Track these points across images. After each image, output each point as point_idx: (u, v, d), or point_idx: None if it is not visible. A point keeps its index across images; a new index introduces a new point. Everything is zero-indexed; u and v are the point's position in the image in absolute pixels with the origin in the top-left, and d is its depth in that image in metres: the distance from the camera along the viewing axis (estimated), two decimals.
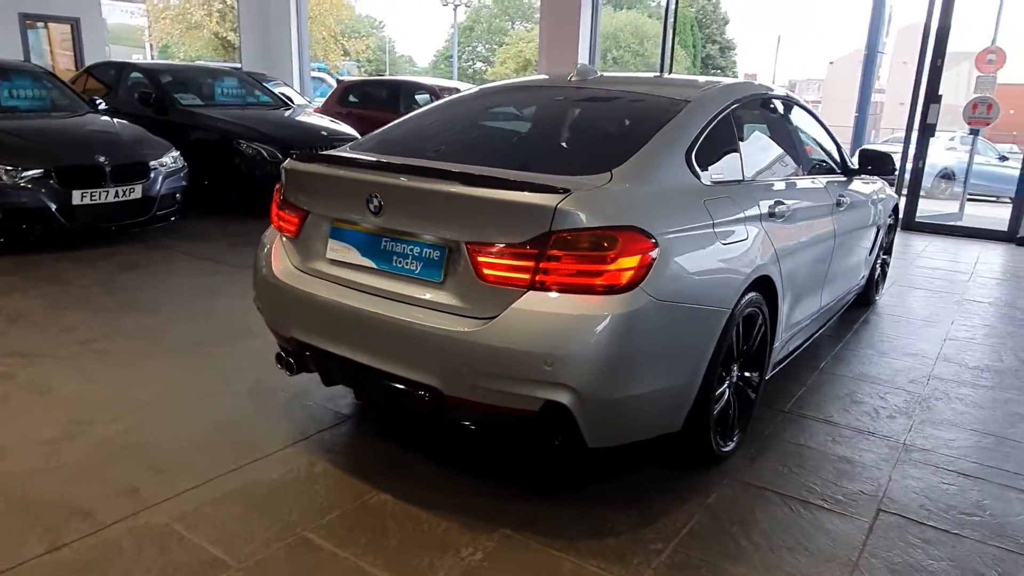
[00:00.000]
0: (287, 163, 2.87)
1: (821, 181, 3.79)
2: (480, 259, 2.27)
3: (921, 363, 4.20)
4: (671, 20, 10.50)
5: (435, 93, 9.51)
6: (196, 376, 3.55)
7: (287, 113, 8.41)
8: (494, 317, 2.25)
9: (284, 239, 2.86)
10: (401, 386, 2.44)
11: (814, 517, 2.55)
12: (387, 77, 13.13)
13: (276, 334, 2.92)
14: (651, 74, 3.12)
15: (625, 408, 2.32)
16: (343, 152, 2.91)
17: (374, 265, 2.56)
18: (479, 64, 55.72)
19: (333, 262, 2.69)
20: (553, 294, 2.20)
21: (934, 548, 2.39)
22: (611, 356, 2.20)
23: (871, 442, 3.14)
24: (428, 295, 2.41)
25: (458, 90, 9.61)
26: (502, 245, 2.24)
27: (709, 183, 2.70)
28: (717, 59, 52.32)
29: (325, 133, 7.94)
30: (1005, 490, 2.78)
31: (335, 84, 16.31)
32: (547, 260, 2.19)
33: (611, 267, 2.17)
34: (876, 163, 4.20)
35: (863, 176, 4.42)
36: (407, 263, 2.48)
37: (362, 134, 5.40)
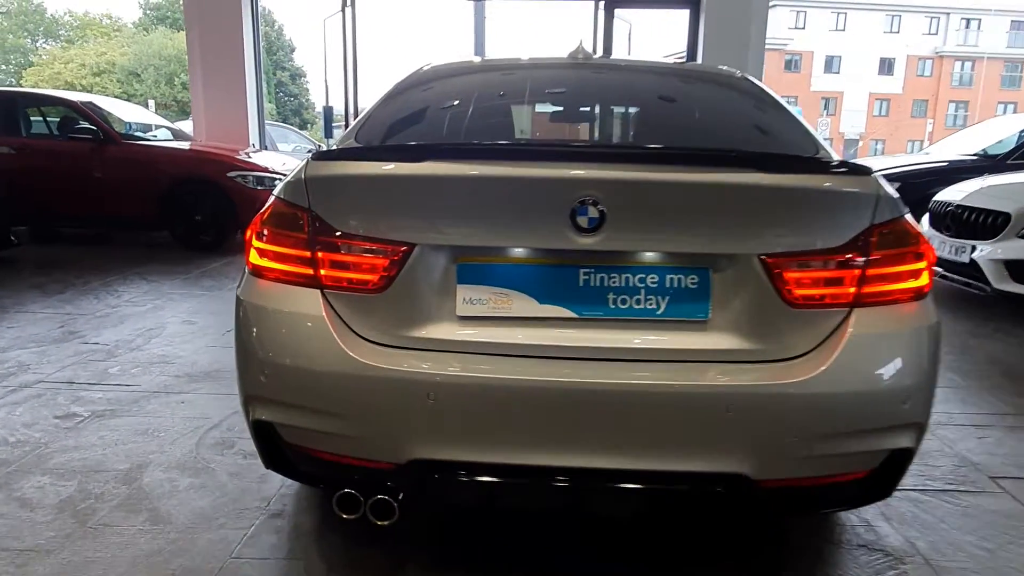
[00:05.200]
0: (327, 165, 1.70)
1: None
2: (790, 275, 1.60)
3: None
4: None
5: (78, 109, 7.17)
6: None
7: None
8: (807, 353, 1.61)
9: (340, 301, 1.67)
10: (671, 487, 1.60)
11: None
12: None
13: (356, 465, 1.69)
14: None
15: None
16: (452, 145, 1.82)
17: (571, 314, 1.64)
18: None
19: (472, 320, 1.66)
20: (880, 309, 1.66)
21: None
22: (936, 375, 1.75)
23: None
24: (690, 342, 1.63)
25: (93, 103, 7.46)
26: (817, 251, 1.61)
27: None
28: (289, 85, 51.75)
29: None
30: (1016, 430, 3.07)
31: None
32: (872, 265, 1.63)
33: (923, 265, 1.72)
34: None
35: None
36: (639, 301, 1.64)
37: None
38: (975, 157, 7.39)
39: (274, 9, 45.91)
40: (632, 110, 2.49)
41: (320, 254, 1.67)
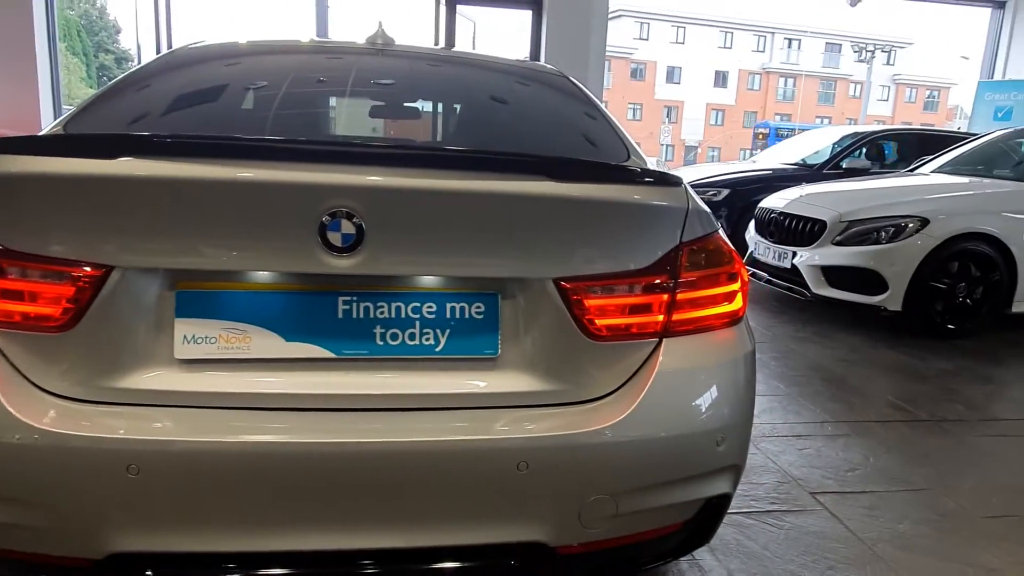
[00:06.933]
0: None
1: None
2: (590, 302, 1.35)
3: None
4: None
5: None
6: None
7: None
8: (612, 393, 1.38)
9: (11, 342, 1.24)
10: (450, 564, 1.31)
11: None
12: None
13: (40, 563, 1.26)
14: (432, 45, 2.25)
15: None
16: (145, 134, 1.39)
17: (327, 353, 1.31)
18: None
19: (197, 364, 1.28)
20: (693, 338, 1.46)
21: (885, 509, 2.47)
22: (752, 410, 1.58)
23: None
24: (475, 384, 1.34)
25: None
26: (621, 274, 1.37)
27: None
28: (113, 70, 47.46)
29: None
30: (834, 438, 3.09)
31: None
32: (683, 289, 1.43)
33: (737, 287, 1.54)
34: None
35: None
36: (413, 336, 1.33)
37: None
38: (796, 166, 7.82)
39: None
40: (422, 106, 2.18)
41: None
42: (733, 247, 1.55)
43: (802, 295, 5.10)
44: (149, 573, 1.24)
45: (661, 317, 1.40)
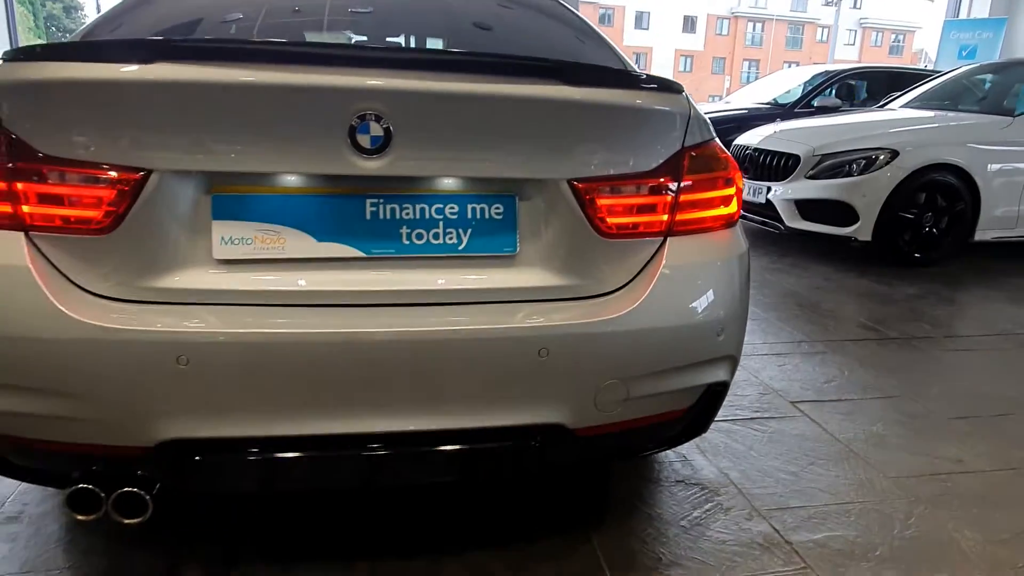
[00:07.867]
0: (28, 67, 1.29)
1: None
2: (602, 202, 1.44)
3: None
4: None
5: None
6: None
7: None
8: (622, 288, 1.48)
9: (54, 246, 1.30)
10: (478, 445, 1.42)
11: None
12: None
13: (91, 454, 1.34)
14: None
15: None
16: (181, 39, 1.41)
17: (357, 252, 1.38)
18: None
19: (234, 264, 1.35)
20: (693, 238, 1.57)
21: (860, 414, 2.65)
22: (747, 306, 1.71)
23: None
24: (496, 279, 1.44)
25: None
26: (629, 176, 1.46)
27: None
28: (62, 19, 45.65)
29: None
30: (811, 355, 3.26)
31: None
32: (685, 191, 1.53)
33: (733, 192, 1.65)
34: None
35: None
36: (437, 235, 1.41)
37: None
38: (768, 105, 7.92)
39: None
40: (425, 34, 2.23)
41: (20, 186, 1.27)
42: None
43: (776, 228, 5.25)
44: (198, 459, 1.33)
45: (665, 217, 1.50)
